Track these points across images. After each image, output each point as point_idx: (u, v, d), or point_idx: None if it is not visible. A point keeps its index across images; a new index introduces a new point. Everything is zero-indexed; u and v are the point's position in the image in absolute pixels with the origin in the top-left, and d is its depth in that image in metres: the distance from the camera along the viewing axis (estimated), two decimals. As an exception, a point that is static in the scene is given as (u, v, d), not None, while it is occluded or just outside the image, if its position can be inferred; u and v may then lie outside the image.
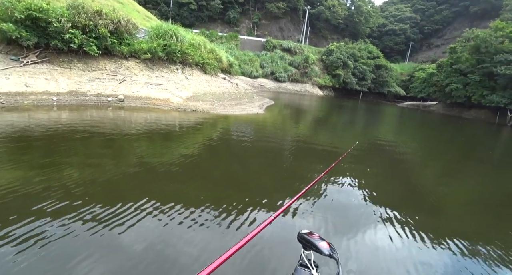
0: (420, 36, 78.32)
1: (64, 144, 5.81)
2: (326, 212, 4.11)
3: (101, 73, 11.93)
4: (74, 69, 11.57)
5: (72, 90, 10.71)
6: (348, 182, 5.55)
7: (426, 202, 5.06)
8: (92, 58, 12.02)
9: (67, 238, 2.79)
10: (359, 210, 4.40)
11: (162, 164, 5.14)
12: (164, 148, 6.51)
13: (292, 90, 43.00)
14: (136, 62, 13.07)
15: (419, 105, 42.76)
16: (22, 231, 2.82)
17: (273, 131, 10.16)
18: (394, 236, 3.64)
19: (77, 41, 11.02)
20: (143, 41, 13.59)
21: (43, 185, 3.82)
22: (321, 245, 1.21)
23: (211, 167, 5.53)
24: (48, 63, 11.24)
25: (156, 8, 52.71)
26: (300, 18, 63.68)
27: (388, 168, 7.49)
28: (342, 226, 3.78)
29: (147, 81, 12.47)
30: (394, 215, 4.28)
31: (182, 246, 2.91)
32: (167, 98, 11.79)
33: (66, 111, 9.25)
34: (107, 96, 10.95)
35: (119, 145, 6.40)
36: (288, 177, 5.61)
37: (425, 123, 22.60)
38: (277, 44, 49.03)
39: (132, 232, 3.02)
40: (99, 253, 2.65)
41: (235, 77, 30.95)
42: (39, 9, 10.26)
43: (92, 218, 3.16)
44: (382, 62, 49.58)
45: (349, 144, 9.28)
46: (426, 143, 12.51)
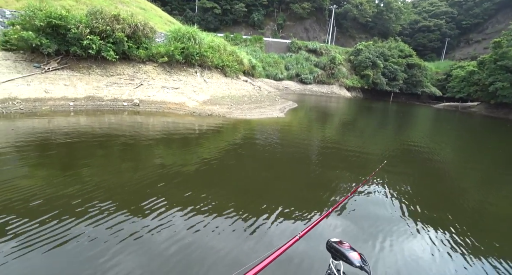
0: (457, 31, 72.97)
1: (84, 150, 5.99)
2: (356, 220, 3.87)
3: (118, 78, 11.87)
4: (93, 74, 11.60)
5: (89, 95, 10.68)
6: (380, 189, 5.15)
7: (467, 216, 4.50)
8: (110, 63, 12.01)
9: (96, 236, 2.96)
10: (392, 221, 4.00)
11: (169, 172, 4.69)
12: (175, 156, 6.01)
13: (318, 92, 41.68)
14: (153, 66, 12.92)
15: (457, 106, 39.39)
16: (58, 230, 3.00)
17: (293, 136, 9.34)
18: (431, 251, 3.33)
19: (95, 47, 11.02)
20: (161, 45, 13.43)
21: (76, 186, 4.04)
22: (352, 255, 1.16)
23: (225, 175, 5.10)
24: (69, 69, 11.36)
25: (182, 14, 53.89)
26: (326, 17, 61.97)
27: (423, 177, 6.65)
28: (372, 237, 3.48)
29: (163, 85, 12.23)
30: (429, 226, 3.91)
31: (207, 250, 2.92)
32: (182, 102, 11.43)
33: (83, 116, 9.18)
34: (123, 101, 10.81)
35: (136, 151, 6.27)
36: (308, 186, 5.05)
37: (465, 127, 20.48)
38: (302, 45, 47.94)
39: (158, 233, 3.10)
40: (127, 251, 2.76)
41: (259, 79, 30.44)
42: (59, 16, 10.37)
43: (120, 220, 3.29)
44: (415, 60, 46.55)
45: (378, 152, 8.26)
46: (467, 150, 11.03)
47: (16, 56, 10.67)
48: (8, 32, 10.45)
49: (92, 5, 12.43)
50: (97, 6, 11.79)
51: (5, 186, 3.91)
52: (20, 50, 10.82)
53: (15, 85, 9.65)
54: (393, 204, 4.57)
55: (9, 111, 8.66)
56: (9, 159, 5.05)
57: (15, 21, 10.71)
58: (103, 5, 13.03)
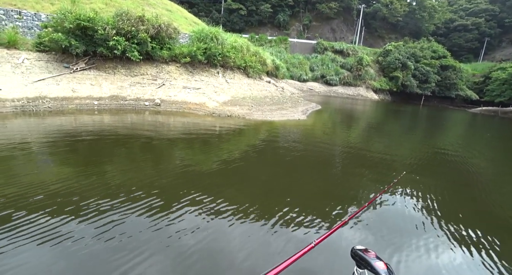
0: (498, 30, 67.80)
1: (107, 148, 6.17)
2: (375, 229, 3.72)
3: (142, 78, 12.09)
4: (117, 74, 11.90)
5: (113, 94, 10.95)
6: (402, 199, 4.90)
7: (497, 234, 4.05)
8: (134, 63, 12.27)
9: (128, 229, 3.11)
10: (413, 233, 3.79)
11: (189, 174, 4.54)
12: (192, 157, 5.90)
13: (343, 94, 40.47)
14: (176, 66, 13.04)
15: (496, 111, 36.47)
16: (94, 224, 3.15)
17: (313, 140, 8.93)
18: (459, 264, 3.18)
19: (120, 48, 11.28)
20: (184, 45, 13.54)
21: (100, 183, 4.21)
22: (378, 265, 1.11)
23: (241, 178, 4.95)
24: (95, 69, 11.73)
25: (209, 15, 54.72)
26: (354, 17, 60.19)
27: (451, 188, 6.04)
28: (391, 248, 3.33)
29: (185, 85, 12.29)
30: (452, 242, 3.65)
31: (230, 249, 2.97)
32: (203, 102, 11.41)
33: (106, 115, 9.41)
34: (145, 101, 10.97)
35: (156, 151, 6.28)
36: (326, 193, 4.82)
37: (507, 134, 18.84)
38: (328, 46, 46.84)
39: (178, 231, 3.18)
40: (156, 247, 2.86)
41: (282, 80, 30.06)
42: (87, 18, 10.72)
43: (149, 215, 3.43)
44: (449, 62, 43.75)
45: (403, 159, 7.66)
46: (508, 161, 10.01)
47: (49, 57, 11.18)
48: (41, 34, 10.97)
49: (120, 8, 12.78)
50: (123, 8, 12.10)
51: (23, 180, 4.11)
52: (52, 51, 11.33)
53: (45, 85, 10.09)
54: (416, 215, 4.35)
55: (38, 109, 9.05)
56: (36, 153, 5.34)
57: (48, 24, 11.24)
58: (130, 7, 13.37)
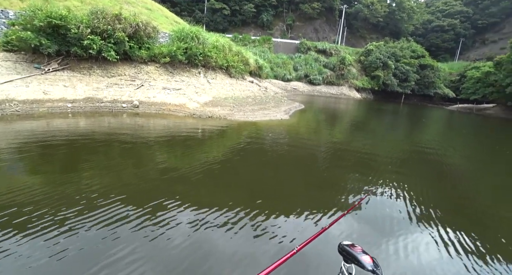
0: (472, 31, 70.76)
1: (86, 153, 5.83)
2: (365, 223, 3.90)
3: (119, 79, 11.65)
4: (93, 75, 11.41)
5: (88, 96, 10.48)
6: (388, 194, 5.11)
7: (478, 222, 4.43)
8: (111, 64, 11.81)
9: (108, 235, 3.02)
10: (402, 225, 3.98)
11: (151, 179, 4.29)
12: (166, 160, 5.66)
13: (327, 93, 40.93)
14: (155, 67, 12.67)
15: (472, 108, 37.95)
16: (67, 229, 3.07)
17: (294, 140, 8.82)
18: (441, 255, 3.31)
19: (96, 47, 10.82)
20: (164, 45, 13.18)
21: (77, 188, 4.06)
22: (364, 259, 1.14)
23: (215, 184, 4.58)
24: (69, 70, 11.20)
25: (191, 15, 53.98)
26: (336, 18, 61.03)
27: (436, 181, 6.45)
28: (381, 241, 3.48)
29: (165, 86, 11.95)
30: (439, 231, 3.89)
31: (214, 251, 2.96)
32: (183, 103, 11.12)
33: (81, 118, 8.96)
34: (122, 102, 10.56)
35: (135, 154, 5.80)
36: (306, 195, 4.63)
37: (481, 130, 19.53)
38: (312, 46, 47.25)
39: (163, 234, 3.14)
40: (141, 248, 2.85)
41: (266, 80, 30.02)
42: (59, 16, 10.20)
43: (131, 219, 3.35)
44: (427, 61, 45.13)
45: (386, 158, 7.69)
46: (483, 155, 10.32)
47: (17, 57, 10.57)
48: (7, 33, 10.35)
49: (96, 6, 12.27)
50: (99, 6, 11.62)
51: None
52: (21, 51, 10.70)
53: (13, 87, 9.51)
54: (403, 208, 4.53)
55: (5, 113, 8.49)
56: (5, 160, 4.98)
57: (15, 22, 10.62)
58: (107, 5, 12.88)
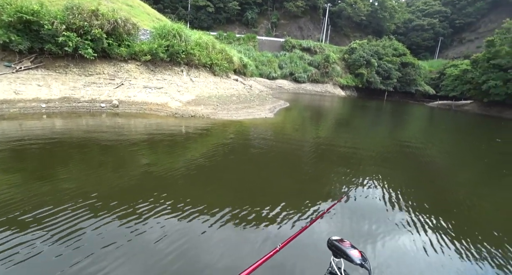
0: (450, 30, 73.07)
1: (61, 155, 5.56)
2: (350, 219, 3.96)
3: (98, 78, 11.21)
4: (70, 74, 10.92)
5: (64, 96, 10.02)
6: (373, 187, 5.24)
7: (459, 212, 4.62)
8: (89, 62, 11.34)
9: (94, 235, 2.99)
10: (385, 219, 4.07)
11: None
12: (144, 161, 5.44)
13: (312, 91, 41.24)
14: (136, 65, 12.28)
15: (450, 105, 39.25)
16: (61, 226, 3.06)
17: (276, 139, 8.65)
18: (426, 247, 3.42)
19: (72, 44, 10.34)
20: (145, 43, 12.78)
21: (56, 192, 3.90)
22: (352, 253, 1.16)
23: (192, 184, 4.40)
24: (44, 68, 10.67)
25: (175, 12, 53.00)
26: (320, 16, 61.54)
27: (417, 174, 6.72)
28: (366, 235, 3.57)
29: (146, 84, 11.59)
30: (425, 223, 4.02)
31: (201, 250, 2.94)
32: (165, 102, 10.82)
33: (57, 119, 8.52)
34: (101, 102, 10.16)
35: (115, 155, 5.52)
36: (290, 192, 4.56)
37: (460, 126, 20.17)
38: (296, 44, 47.45)
39: (150, 235, 3.09)
40: (120, 253, 2.74)
41: (251, 78, 29.83)
42: (31, 11, 9.67)
43: (109, 223, 3.23)
44: (409, 59, 46.37)
45: (369, 154, 7.74)
46: (463, 149, 10.61)
47: (-15, 55, 9.97)
48: (-27, 29, 9.73)
49: (72, 1, 11.70)
50: (75, 1, 11.09)
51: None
52: (-11, 48, 10.11)
53: (-19, 86, 8.97)
54: (387, 203, 4.62)
55: (-29, 113, 7.99)
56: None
57: (-18, 17, 9.99)
58: (85, 0, 12.31)
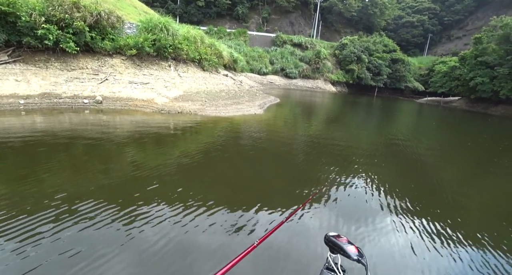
0: (439, 27, 74.00)
1: (46, 153, 5.28)
2: (339, 213, 3.99)
3: (81, 73, 10.79)
4: (51, 68, 10.47)
5: (45, 92, 9.60)
6: (361, 183, 5.24)
7: (446, 207, 4.62)
8: (72, 56, 10.90)
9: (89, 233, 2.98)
10: (373, 214, 4.10)
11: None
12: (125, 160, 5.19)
13: (303, 86, 41.21)
14: (121, 60, 11.87)
15: (439, 101, 39.87)
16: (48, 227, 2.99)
17: (264, 136, 8.37)
18: (412, 242, 3.45)
19: (52, 38, 9.90)
20: (130, 36, 12.36)
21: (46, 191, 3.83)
22: (349, 249, 1.16)
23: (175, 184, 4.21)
24: (22, 62, 10.18)
25: (164, 6, 51.92)
26: (312, 11, 61.30)
27: (405, 170, 6.78)
28: (356, 228, 3.64)
29: (131, 80, 11.23)
30: (409, 218, 4.06)
31: (193, 244, 2.97)
32: (151, 98, 10.50)
33: (36, 116, 8.11)
34: (83, 98, 9.78)
35: (99, 153, 5.20)
36: (276, 188, 4.39)
37: (448, 122, 20.42)
38: (287, 39, 47.20)
39: (143, 231, 3.10)
40: (115, 248, 2.78)
41: (242, 74, 29.55)
42: (6, 2, 9.17)
43: (105, 217, 3.27)
44: (398, 55, 46.76)
45: (359, 150, 7.66)
46: (449, 144, 10.68)
47: (-41, 48, 9.45)
48: None
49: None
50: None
51: None
52: (-37, 41, 9.57)
53: (-46, 80, 8.49)
54: (374, 198, 4.64)
55: None
56: None
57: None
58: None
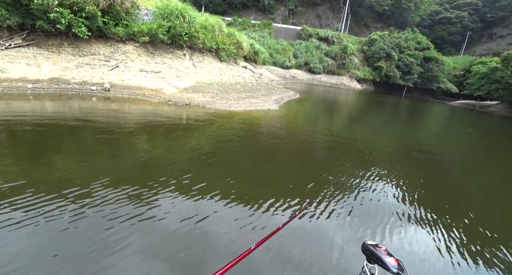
0: (480, 25, 68.57)
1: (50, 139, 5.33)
2: (354, 218, 3.83)
3: (92, 59, 10.54)
4: (63, 53, 10.30)
5: (54, 77, 9.42)
6: (385, 188, 5.01)
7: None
8: (84, 41, 10.67)
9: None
10: (393, 220, 3.93)
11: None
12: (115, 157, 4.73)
13: (327, 82, 39.65)
14: (134, 47, 11.52)
15: (474, 105, 36.81)
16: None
17: (270, 136, 7.46)
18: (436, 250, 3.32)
19: (64, 22, 9.67)
20: (145, 23, 11.96)
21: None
22: (389, 260, 1.10)
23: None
24: (36, 46, 10.07)
25: (190, -4, 51.76)
26: (341, 4, 58.71)
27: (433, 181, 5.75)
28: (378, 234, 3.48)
29: (143, 68, 10.85)
30: (430, 227, 3.87)
31: (208, 232, 3.04)
32: (160, 88, 10.06)
33: (41, 101, 7.93)
34: (91, 85, 9.51)
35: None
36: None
37: (486, 129, 18.58)
38: (313, 33, 45.47)
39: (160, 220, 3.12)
40: (133, 232, 2.89)
41: (263, 66, 28.76)
42: (19, -17, 9.00)
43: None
44: (432, 54, 43.57)
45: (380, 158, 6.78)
46: (484, 155, 9.43)
47: (-28, 29, 9.43)
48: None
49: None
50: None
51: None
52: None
53: (-36, 62, 8.46)
54: (396, 205, 4.45)
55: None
56: None
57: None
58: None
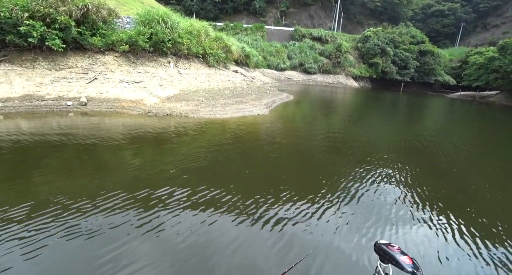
0: (473, 15, 68.23)
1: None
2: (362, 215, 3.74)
3: (69, 72, 9.99)
4: (38, 68, 9.75)
5: (27, 94, 8.86)
6: (383, 188, 4.78)
7: None
8: (60, 54, 10.13)
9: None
10: (399, 218, 3.80)
11: None
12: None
13: (323, 82, 39.14)
14: (114, 57, 10.97)
15: (474, 96, 36.22)
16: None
17: (248, 150, 6.31)
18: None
19: (36, 35, 9.14)
20: (124, 31, 11.44)
21: None
22: (403, 259, 1.09)
23: None
24: (8, 63, 9.51)
25: (180, 3, 51.59)
26: (332, 3, 58.49)
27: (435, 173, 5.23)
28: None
29: (123, 78, 10.29)
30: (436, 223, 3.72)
31: (212, 240, 2.97)
32: (140, 99, 9.49)
33: (10, 120, 7.34)
34: (68, 100, 8.94)
35: None
36: None
37: (491, 122, 17.94)
38: (306, 33, 45.10)
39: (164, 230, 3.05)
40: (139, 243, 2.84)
41: (256, 70, 28.27)
42: (-16, -4, 8.50)
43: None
44: (427, 47, 43.01)
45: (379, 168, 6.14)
46: (487, 146, 8.80)
47: None
48: None
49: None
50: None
51: None
52: None
53: None
54: (400, 201, 4.35)
55: None
56: None
57: None
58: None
